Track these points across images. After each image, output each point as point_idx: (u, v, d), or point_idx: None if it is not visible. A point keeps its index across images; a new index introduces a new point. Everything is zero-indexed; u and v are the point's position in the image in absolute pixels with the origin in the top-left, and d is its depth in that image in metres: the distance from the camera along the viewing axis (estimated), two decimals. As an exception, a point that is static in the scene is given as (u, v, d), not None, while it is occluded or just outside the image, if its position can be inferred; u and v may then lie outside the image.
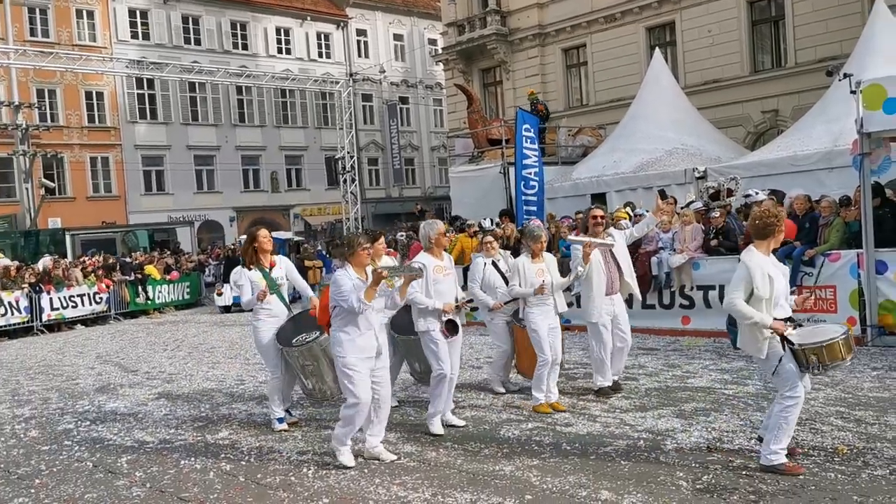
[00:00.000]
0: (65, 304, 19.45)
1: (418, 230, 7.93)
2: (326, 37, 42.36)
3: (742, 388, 7.97)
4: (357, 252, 6.02)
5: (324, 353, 6.99)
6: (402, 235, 18.99)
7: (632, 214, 13.19)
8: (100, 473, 6.32)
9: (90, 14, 35.14)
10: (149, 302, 22.06)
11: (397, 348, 7.75)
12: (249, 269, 7.24)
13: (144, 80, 34.85)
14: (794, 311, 5.46)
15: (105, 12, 35.42)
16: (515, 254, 8.62)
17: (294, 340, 7.17)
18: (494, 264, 8.15)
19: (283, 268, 7.43)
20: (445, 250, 7.24)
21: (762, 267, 5.21)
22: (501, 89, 30.17)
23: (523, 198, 17.51)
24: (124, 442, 7.29)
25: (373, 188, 43.25)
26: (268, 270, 7.27)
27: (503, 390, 8.37)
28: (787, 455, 5.32)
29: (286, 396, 7.57)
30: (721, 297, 10.57)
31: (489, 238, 8.45)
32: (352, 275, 5.96)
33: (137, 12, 36.33)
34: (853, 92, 9.90)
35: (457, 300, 7.03)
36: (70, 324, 19.48)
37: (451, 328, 6.82)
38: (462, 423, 7.07)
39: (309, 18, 41.42)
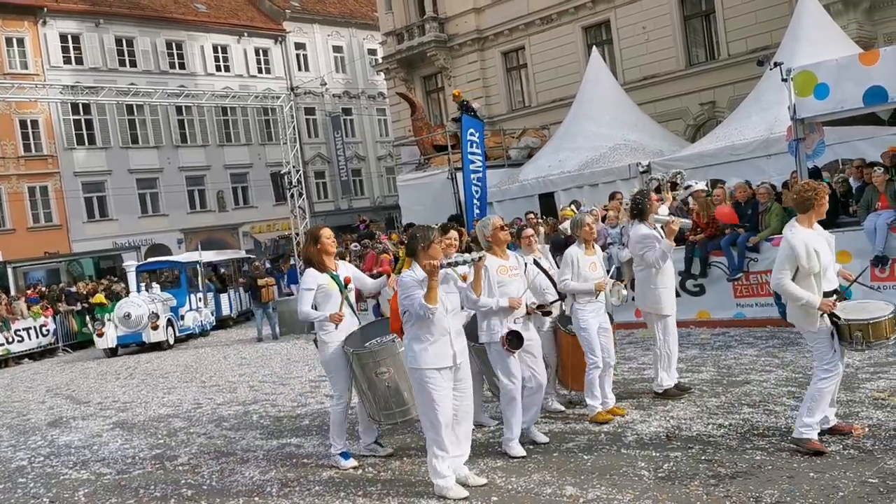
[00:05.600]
0: (10, 339, 18.93)
1: (370, 240, 7.70)
2: (265, 52, 42.01)
3: (697, 375, 8.12)
4: (434, 246, 5.28)
5: (402, 356, 5.90)
6: (355, 246, 18.89)
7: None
8: (56, 509, 6.17)
9: (20, 41, 34.29)
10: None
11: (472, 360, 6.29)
12: (321, 272, 6.22)
13: (80, 106, 34.13)
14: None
15: (35, 39, 34.60)
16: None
17: (367, 344, 6.21)
18: (537, 262, 6.94)
19: (348, 271, 6.45)
20: (509, 247, 6.29)
21: (806, 242, 5.15)
22: (444, 96, 30.26)
23: (474, 201, 17.63)
24: (81, 475, 7.12)
25: (321, 201, 42.96)
26: (335, 273, 6.29)
27: (563, 407, 7.29)
28: (841, 434, 5.43)
29: (366, 425, 6.47)
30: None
31: (529, 231, 7.13)
32: (418, 274, 5.24)
33: (69, 37, 35.56)
34: (784, 80, 10.16)
35: (527, 306, 6.14)
36: (17, 359, 18.95)
37: (513, 341, 5.82)
38: (546, 439, 6.25)
39: (246, 34, 41.05)
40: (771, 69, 11.25)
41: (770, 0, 21.69)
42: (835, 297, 5.26)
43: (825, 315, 5.18)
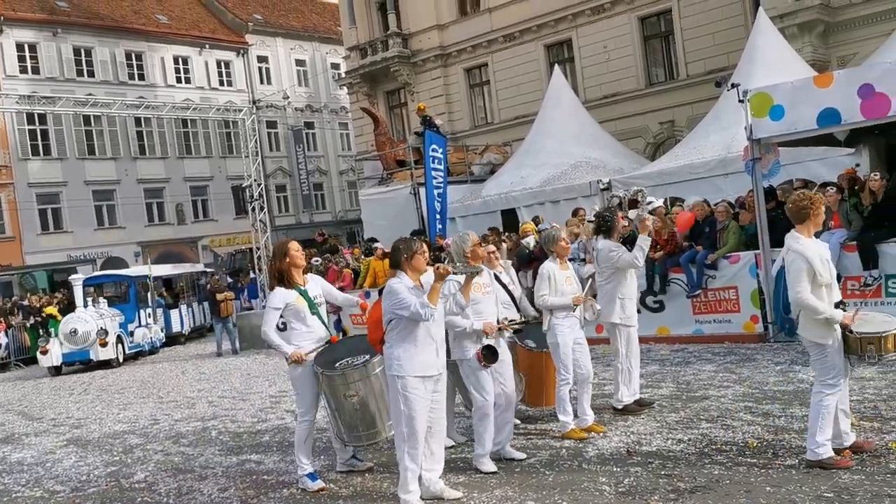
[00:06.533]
0: (-40, 355, 18.43)
1: (332, 254, 7.59)
2: (227, 64, 41.73)
3: (656, 391, 8.20)
4: (416, 256, 5.33)
5: (374, 381, 5.89)
6: (317, 261, 18.77)
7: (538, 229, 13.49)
8: (7, 529, 6.01)
9: (-25, 50, 33.65)
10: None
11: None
12: (287, 289, 6.05)
13: (36, 116, 33.50)
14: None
15: (-9, 47, 33.97)
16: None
17: (337, 365, 6.00)
18: (497, 277, 6.88)
19: (319, 286, 6.32)
20: (483, 264, 6.28)
21: (819, 252, 5.14)
22: (407, 111, 30.32)
23: (436, 216, 17.68)
24: (33, 493, 6.94)
25: (282, 215, 42.66)
26: (304, 289, 6.14)
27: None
28: (856, 451, 5.31)
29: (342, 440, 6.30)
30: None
31: (492, 248, 7.05)
32: (407, 281, 5.30)
33: (26, 46, 34.94)
34: (741, 101, 10.38)
35: (498, 321, 6.18)
36: (-34, 374, 18.47)
37: (488, 355, 5.84)
38: (522, 455, 6.21)
39: (207, 46, 40.74)
40: (728, 90, 11.48)
41: (727, 23, 22.21)
42: (855, 308, 5.23)
43: (837, 328, 5.13)
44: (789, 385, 7.79)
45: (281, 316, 6.08)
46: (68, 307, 20.15)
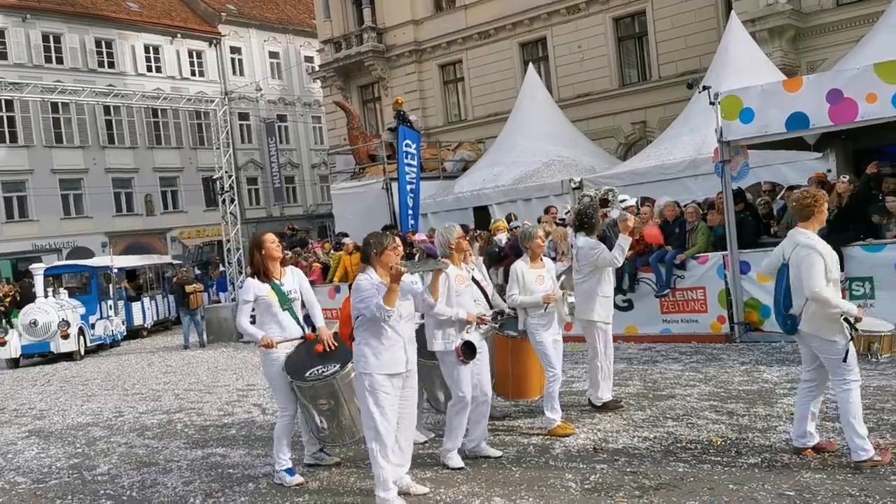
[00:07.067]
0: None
1: (302, 248, 7.42)
2: (199, 54, 41.27)
3: (624, 389, 8.26)
4: (386, 252, 5.25)
5: (346, 389, 5.83)
6: (287, 254, 18.65)
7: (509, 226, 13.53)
8: (-35, 521, 5.90)
9: (-60, 33, 32.95)
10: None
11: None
12: (263, 282, 5.99)
13: (3, 102, 32.89)
14: None
15: (-44, 31, 33.30)
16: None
17: (308, 374, 5.89)
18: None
19: (296, 279, 6.19)
20: (464, 259, 6.30)
21: (828, 248, 5.17)
22: (380, 106, 30.24)
23: (409, 212, 17.66)
24: (-8, 485, 6.83)
25: (253, 208, 42.33)
26: (279, 283, 6.06)
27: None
28: (818, 451, 5.42)
29: (310, 435, 6.28)
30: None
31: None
32: (374, 278, 5.21)
33: (-7, 30, 34.34)
34: (712, 103, 10.49)
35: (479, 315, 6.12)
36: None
37: (467, 352, 5.82)
38: (498, 453, 6.19)
39: (179, 36, 40.24)
40: (700, 92, 11.59)
41: (700, 25, 22.42)
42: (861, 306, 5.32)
43: (843, 323, 5.14)
44: (754, 385, 7.90)
45: (253, 309, 6.01)
46: (24, 300, 19.62)
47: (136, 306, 22.29)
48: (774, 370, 8.50)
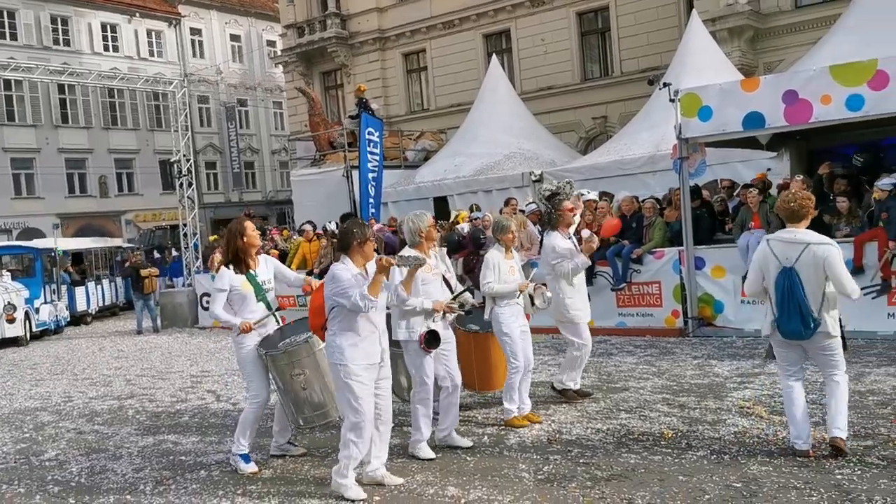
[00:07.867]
0: None
1: (261, 235, 7.20)
2: (158, 35, 40.52)
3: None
4: (369, 243, 5.18)
5: (320, 357, 5.76)
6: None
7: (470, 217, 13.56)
8: None
9: None
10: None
11: None
12: (238, 272, 5.86)
13: (-49, 77, 32.00)
14: None
15: None
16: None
17: (280, 345, 5.92)
18: None
19: (271, 268, 6.10)
20: (433, 246, 6.25)
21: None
22: (343, 92, 30.05)
23: (369, 200, 17.57)
24: (-66, 470, 6.66)
25: (211, 192, 41.79)
26: (254, 273, 5.93)
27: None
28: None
29: (282, 425, 6.20)
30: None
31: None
32: (352, 268, 5.11)
33: (-58, 3, 33.33)
34: (672, 100, 10.62)
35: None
36: None
37: (430, 340, 5.78)
38: (469, 443, 6.13)
39: (138, 15, 39.45)
40: (660, 89, 11.73)
41: (662, 23, 22.67)
42: None
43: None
44: (705, 378, 8.04)
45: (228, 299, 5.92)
46: None
47: (79, 291, 21.56)
48: (725, 364, 8.66)
